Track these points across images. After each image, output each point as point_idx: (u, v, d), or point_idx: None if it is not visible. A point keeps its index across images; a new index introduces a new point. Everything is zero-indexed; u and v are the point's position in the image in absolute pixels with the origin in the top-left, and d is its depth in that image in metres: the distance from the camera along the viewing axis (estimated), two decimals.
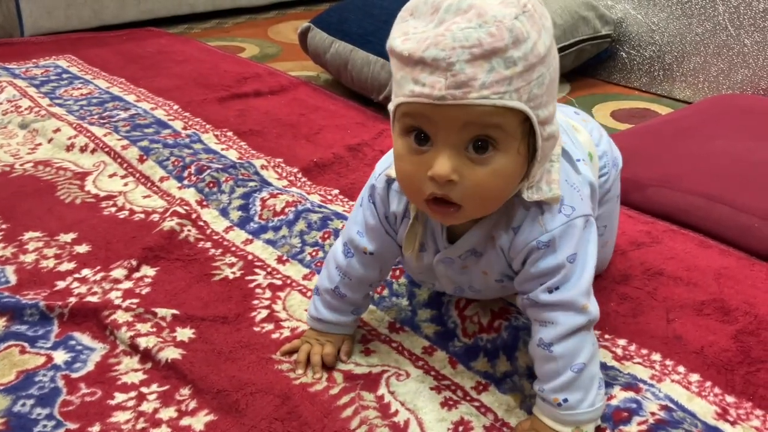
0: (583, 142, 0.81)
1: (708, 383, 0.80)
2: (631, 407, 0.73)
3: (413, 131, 0.62)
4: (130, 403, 0.77)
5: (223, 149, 1.37)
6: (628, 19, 1.81)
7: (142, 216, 1.15)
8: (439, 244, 0.74)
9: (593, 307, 0.70)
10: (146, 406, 0.77)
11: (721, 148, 1.29)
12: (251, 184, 1.19)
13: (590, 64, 1.87)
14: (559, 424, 0.70)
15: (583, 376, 0.69)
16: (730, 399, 0.78)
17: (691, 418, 0.74)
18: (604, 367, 0.81)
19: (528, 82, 0.59)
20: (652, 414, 0.72)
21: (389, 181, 0.75)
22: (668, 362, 0.83)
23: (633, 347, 0.86)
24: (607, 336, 0.87)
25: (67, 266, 1.01)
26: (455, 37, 0.57)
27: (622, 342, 0.86)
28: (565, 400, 0.69)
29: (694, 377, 0.81)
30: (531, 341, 0.72)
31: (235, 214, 1.14)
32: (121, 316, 0.88)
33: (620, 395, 0.75)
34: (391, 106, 0.64)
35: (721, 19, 1.64)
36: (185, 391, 0.79)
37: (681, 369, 0.82)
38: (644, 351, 0.85)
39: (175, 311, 0.90)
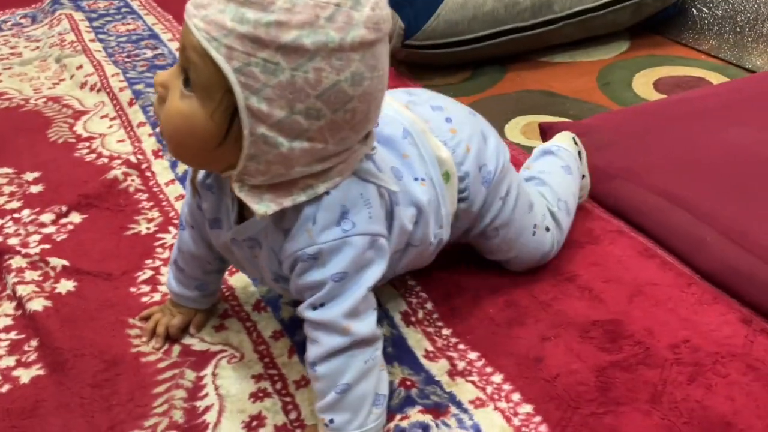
0: (443, 158, 0.75)
1: (537, 418, 0.72)
2: None
3: None
4: None
5: None
6: None
7: (106, 161, 1.21)
8: (231, 221, 0.70)
9: (358, 328, 0.65)
10: None
11: (734, 137, 1.11)
12: None
13: (659, 19, 1.66)
14: None
15: (348, 397, 0.65)
16: None
17: None
18: (429, 381, 0.76)
19: (249, 54, 0.54)
20: None
21: None
22: (506, 386, 0.76)
23: (481, 363, 0.79)
24: (461, 346, 0.81)
25: (14, 205, 1.10)
26: None
27: (472, 355, 0.80)
28: (332, 421, 0.66)
29: (525, 408, 0.73)
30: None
31: (182, 168, 1.16)
32: (17, 262, 0.95)
33: (414, 417, 0.70)
34: None
35: None
36: (33, 343, 0.84)
37: (516, 396, 0.74)
38: (489, 369, 0.78)
39: (65, 262, 0.95)
